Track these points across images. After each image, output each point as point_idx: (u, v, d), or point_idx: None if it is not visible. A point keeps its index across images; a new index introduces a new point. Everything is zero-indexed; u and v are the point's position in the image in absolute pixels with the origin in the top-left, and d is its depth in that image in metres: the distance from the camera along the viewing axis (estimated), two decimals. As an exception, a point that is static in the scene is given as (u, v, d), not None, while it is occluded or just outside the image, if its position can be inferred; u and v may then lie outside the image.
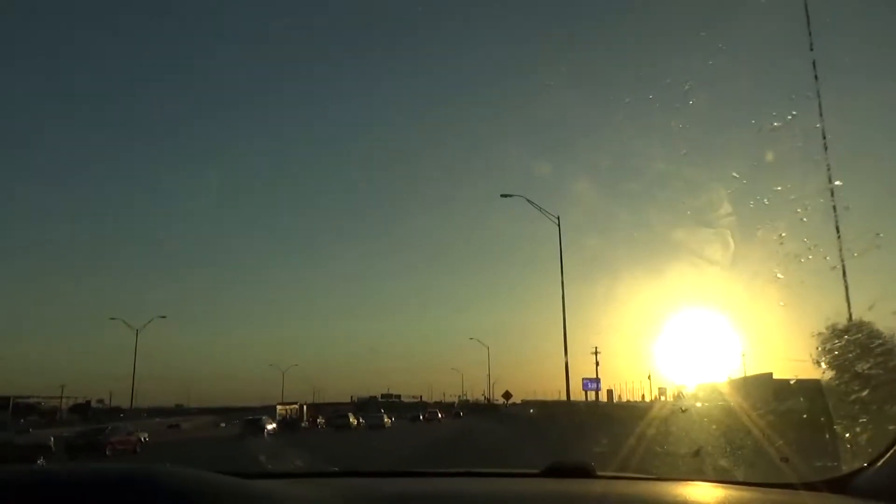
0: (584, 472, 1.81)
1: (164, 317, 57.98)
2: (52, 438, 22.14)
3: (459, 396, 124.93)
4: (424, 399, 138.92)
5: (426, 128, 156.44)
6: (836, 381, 5.03)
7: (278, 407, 56.74)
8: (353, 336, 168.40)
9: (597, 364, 64.17)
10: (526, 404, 78.74)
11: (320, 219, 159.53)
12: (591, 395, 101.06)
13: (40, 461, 19.14)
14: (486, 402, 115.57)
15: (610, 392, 72.24)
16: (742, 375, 29.43)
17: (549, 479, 1.80)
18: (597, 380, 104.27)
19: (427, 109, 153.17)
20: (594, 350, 65.33)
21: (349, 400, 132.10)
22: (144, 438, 28.56)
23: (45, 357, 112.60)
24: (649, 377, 61.12)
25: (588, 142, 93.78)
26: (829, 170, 6.28)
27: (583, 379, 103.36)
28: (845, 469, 1.95)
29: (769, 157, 7.13)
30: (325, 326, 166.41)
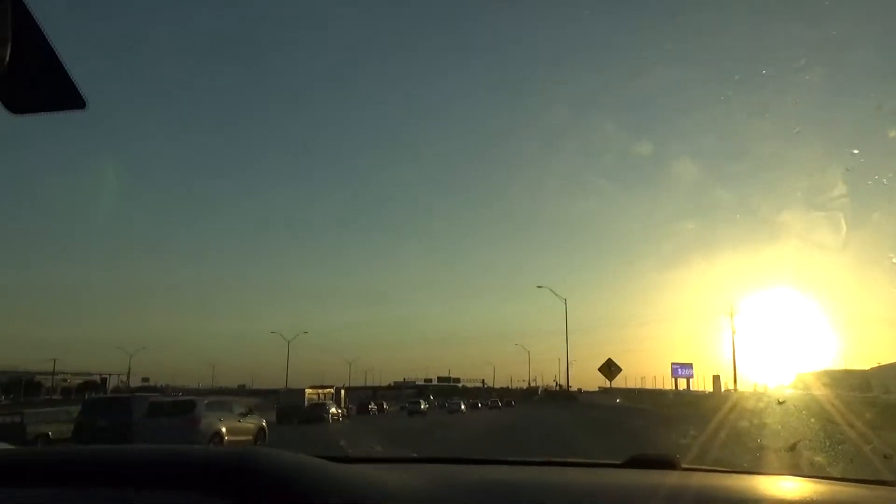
0: (668, 464, 1.87)
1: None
2: None
3: (529, 382, 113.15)
4: (487, 383, 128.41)
5: (519, 103, 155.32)
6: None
7: (307, 391, 47.79)
8: (410, 315, 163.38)
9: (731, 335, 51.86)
10: (608, 393, 68.64)
11: (366, 197, 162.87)
12: (683, 384, 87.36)
13: None
14: (557, 388, 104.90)
15: (717, 379, 59.54)
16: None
17: (631, 471, 1.85)
18: (689, 365, 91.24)
19: (521, 84, 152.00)
20: (730, 311, 51.42)
21: (388, 384, 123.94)
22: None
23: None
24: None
25: (691, 121, 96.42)
26: None
27: (672, 364, 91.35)
28: None
29: (891, 134, 7.25)
30: (380, 306, 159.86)
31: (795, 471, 6.78)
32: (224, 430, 16.83)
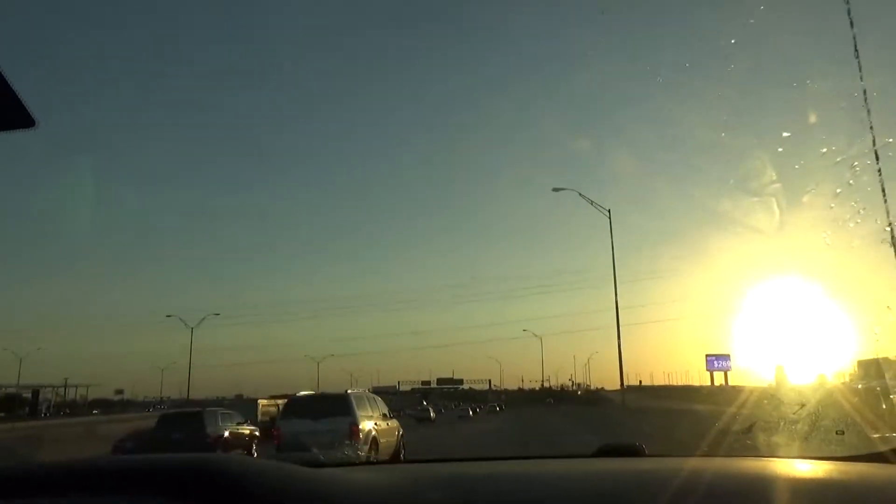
0: (634, 453, 2.01)
1: None
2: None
3: (543, 381, 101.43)
4: (494, 384, 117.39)
5: (463, 108, 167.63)
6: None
7: (261, 402, 37.76)
8: (405, 314, 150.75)
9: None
10: (632, 391, 58.43)
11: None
12: (719, 378, 77.14)
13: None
14: (574, 388, 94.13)
15: (781, 370, 48.36)
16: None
17: (600, 460, 1.98)
18: (725, 356, 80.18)
19: (462, 88, 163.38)
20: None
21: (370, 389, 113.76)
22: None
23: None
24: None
25: (626, 115, 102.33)
26: (871, 129, 6.19)
27: (706, 356, 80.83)
28: None
29: (812, 119, 7.55)
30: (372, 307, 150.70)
31: (757, 452, 7.72)
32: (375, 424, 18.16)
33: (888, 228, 5.73)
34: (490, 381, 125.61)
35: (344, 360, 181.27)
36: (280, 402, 48.79)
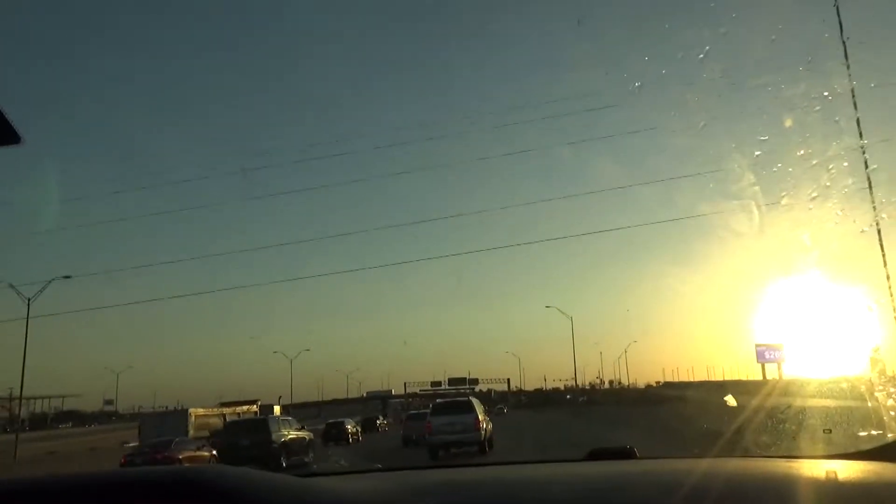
0: (626, 455, 2.06)
1: None
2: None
3: (576, 379, 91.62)
4: (514, 385, 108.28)
5: (444, 115, 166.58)
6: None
7: (193, 412, 29.90)
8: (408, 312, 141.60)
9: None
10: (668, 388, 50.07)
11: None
12: (771, 371, 67.60)
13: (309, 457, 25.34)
14: (602, 385, 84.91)
15: (876, 361, 37.83)
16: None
17: (592, 463, 2.05)
18: (776, 348, 70.06)
19: (442, 98, 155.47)
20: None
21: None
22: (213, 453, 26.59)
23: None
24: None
25: (605, 122, 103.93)
26: (859, 125, 6.65)
27: (756, 346, 70.42)
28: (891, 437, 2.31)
29: (788, 122, 7.60)
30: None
31: (747, 452, 7.66)
32: (484, 418, 23.35)
33: (867, 228, 6.11)
34: (509, 380, 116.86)
35: (344, 360, 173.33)
36: (228, 410, 40.80)
